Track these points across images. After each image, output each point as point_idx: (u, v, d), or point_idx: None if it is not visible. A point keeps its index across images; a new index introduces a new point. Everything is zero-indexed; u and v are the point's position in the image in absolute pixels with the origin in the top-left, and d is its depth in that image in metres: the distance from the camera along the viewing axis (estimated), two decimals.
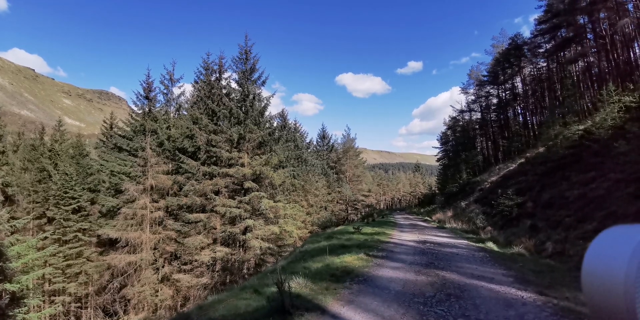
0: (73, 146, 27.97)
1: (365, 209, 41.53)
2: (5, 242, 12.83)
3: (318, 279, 6.06)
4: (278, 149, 18.86)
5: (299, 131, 38.32)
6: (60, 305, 20.04)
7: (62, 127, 30.06)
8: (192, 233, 16.34)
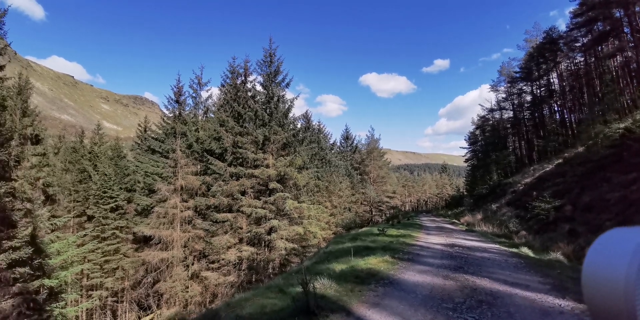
0: (111, 148, 29.70)
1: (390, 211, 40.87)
2: (45, 240, 13.77)
3: (342, 280, 6.03)
4: (302, 150, 19.00)
5: (323, 132, 38.42)
6: (98, 299, 21.31)
7: (101, 130, 32.06)
8: (220, 232, 16.82)
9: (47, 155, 18.23)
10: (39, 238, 12.85)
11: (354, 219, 27.88)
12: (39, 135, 17.14)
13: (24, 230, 11.52)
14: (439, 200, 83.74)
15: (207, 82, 22.99)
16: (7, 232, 9.67)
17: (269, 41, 18.31)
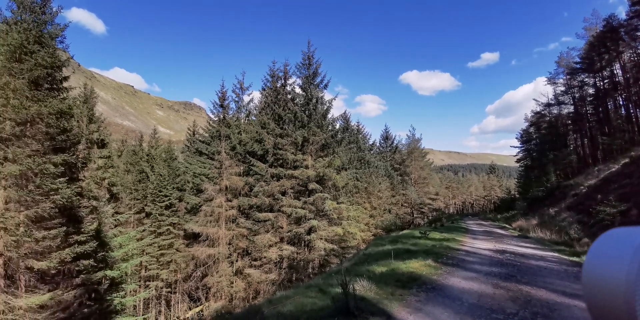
0: (165, 151, 32.16)
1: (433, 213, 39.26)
2: (109, 234, 15.26)
3: (383, 283, 5.93)
4: (341, 151, 18.99)
5: (362, 133, 38.07)
6: (154, 289, 23.15)
7: (156, 134, 34.90)
8: (261, 231, 17.41)
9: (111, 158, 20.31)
10: (103, 233, 14.30)
11: (394, 221, 27.21)
12: (105, 140, 19.11)
13: (90, 225, 12.89)
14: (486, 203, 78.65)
15: (248, 87, 23.97)
16: (74, 227, 10.88)
17: (307, 44, 18.63)
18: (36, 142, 9.23)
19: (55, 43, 10.05)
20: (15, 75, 8.80)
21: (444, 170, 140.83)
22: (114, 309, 14.19)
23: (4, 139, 8.61)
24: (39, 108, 8.97)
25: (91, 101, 18.49)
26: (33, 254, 8.85)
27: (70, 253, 9.43)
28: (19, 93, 8.66)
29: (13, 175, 8.47)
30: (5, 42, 8.75)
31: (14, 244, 8.38)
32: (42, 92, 9.41)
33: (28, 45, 9.07)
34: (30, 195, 8.70)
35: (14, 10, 9.43)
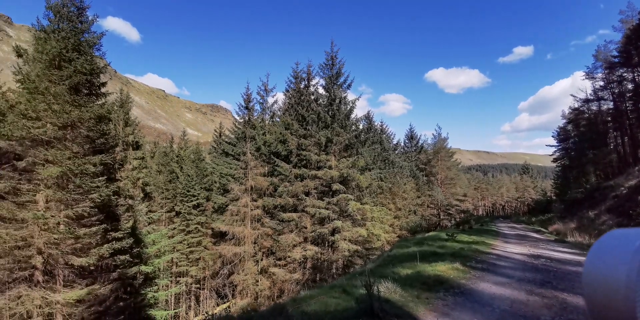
0: (193, 152, 33.40)
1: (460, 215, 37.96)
2: (143, 231, 16.05)
3: (408, 285, 5.80)
4: (364, 151, 18.82)
5: (386, 133, 37.52)
6: (184, 285, 24.07)
7: (185, 136, 36.30)
8: (286, 231, 17.61)
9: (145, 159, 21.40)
10: (138, 230, 15.06)
11: (420, 223, 26.58)
12: (139, 142, 20.14)
13: (126, 223, 13.62)
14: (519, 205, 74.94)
15: (272, 89, 24.34)
16: (112, 224, 11.53)
17: (330, 45, 18.64)
18: (77, 144, 9.88)
19: (93, 51, 10.69)
20: (55, 81, 9.45)
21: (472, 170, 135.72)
22: (147, 302, 14.90)
23: (46, 142, 9.27)
24: (79, 113, 9.60)
25: (127, 106, 19.57)
26: (73, 251, 9.46)
27: (108, 249, 10.00)
28: (59, 98, 9.29)
29: (54, 176, 9.10)
30: (44, 49, 9.40)
31: (54, 241, 9.00)
32: (82, 98, 10.05)
33: (67, 53, 9.70)
34: (70, 194, 9.32)
35: (51, 19, 10.04)
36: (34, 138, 9.05)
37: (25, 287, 8.74)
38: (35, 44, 9.57)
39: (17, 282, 8.85)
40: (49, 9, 9.93)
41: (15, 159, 9.30)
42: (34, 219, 8.63)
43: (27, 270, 8.92)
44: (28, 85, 9.17)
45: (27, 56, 9.63)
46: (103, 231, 10.13)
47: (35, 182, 9.15)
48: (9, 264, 8.67)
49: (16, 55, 9.78)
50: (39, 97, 9.05)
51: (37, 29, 9.80)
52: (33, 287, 8.82)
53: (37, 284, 8.95)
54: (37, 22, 9.89)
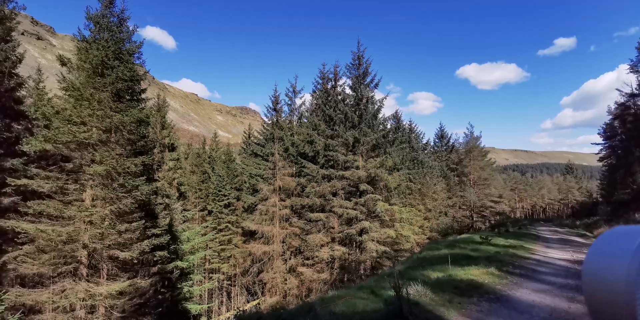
0: (224, 153, 34.55)
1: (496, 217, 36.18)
2: (179, 229, 16.87)
3: (439, 289, 5.63)
4: (392, 151, 18.51)
5: (414, 132, 36.65)
6: (216, 281, 24.96)
7: (216, 138, 37.67)
8: (313, 231, 17.72)
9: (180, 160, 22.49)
10: (174, 227, 15.84)
11: (451, 224, 25.67)
12: (174, 144, 21.20)
13: (163, 220, 14.38)
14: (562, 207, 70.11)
15: (300, 90, 24.64)
16: (151, 221, 12.22)
17: (357, 44, 18.52)
18: (119, 146, 10.58)
19: (133, 59, 11.40)
20: (98, 88, 10.17)
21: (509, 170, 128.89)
22: (183, 296, 15.64)
23: (92, 145, 10.01)
24: (121, 117, 10.27)
25: (163, 110, 20.67)
26: (116, 245, 10.13)
27: (148, 244, 10.61)
28: (103, 104, 9.99)
29: (99, 175, 9.80)
30: (87, 58, 10.13)
31: (99, 236, 9.68)
32: (124, 103, 10.75)
33: (108, 61, 10.40)
34: (114, 192, 10.00)
35: (92, 29, 10.77)
36: (80, 142, 9.80)
37: (69, 281, 9.44)
38: (78, 53, 10.32)
39: (61, 277, 9.59)
40: (89, 19, 10.65)
41: (62, 161, 10.12)
42: (80, 214, 9.34)
43: (71, 264, 9.64)
44: (73, 92, 9.94)
45: (70, 65, 10.41)
46: (143, 227, 10.76)
47: (82, 181, 9.91)
48: (54, 259, 9.41)
49: (60, 64, 10.61)
50: (84, 104, 9.79)
51: (79, 39, 10.56)
52: (77, 281, 9.52)
53: (82, 277, 9.67)
54: (79, 32, 10.62)
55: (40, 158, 10.57)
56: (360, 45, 18.44)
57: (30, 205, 9.10)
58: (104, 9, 10.87)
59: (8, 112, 11.57)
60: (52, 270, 9.38)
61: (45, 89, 16.49)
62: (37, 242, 9.20)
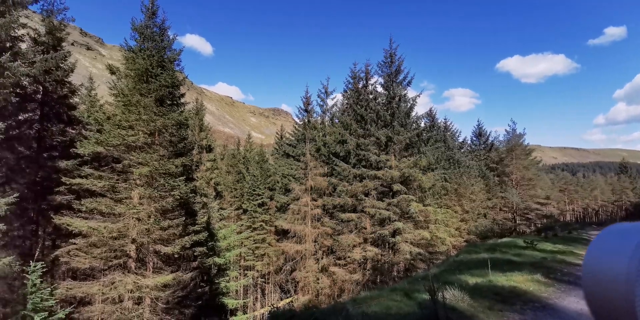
0: (257, 154, 35.54)
1: (542, 220, 33.76)
2: (216, 226, 17.60)
3: (477, 295, 5.38)
4: (426, 150, 17.96)
5: (450, 130, 35.25)
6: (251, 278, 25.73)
7: (250, 139, 38.85)
8: (345, 231, 17.67)
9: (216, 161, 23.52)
10: (212, 225, 16.58)
11: (491, 227, 24.35)
12: (211, 145, 22.17)
13: (202, 218, 15.10)
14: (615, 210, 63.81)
15: (332, 91, 24.68)
16: (191, 219, 12.88)
17: (389, 42, 18.20)
18: (162, 148, 11.28)
19: (174, 66, 12.10)
20: (144, 94, 10.91)
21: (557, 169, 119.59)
22: (220, 291, 16.32)
23: (138, 147, 10.76)
24: (163, 121, 10.95)
25: (201, 113, 21.72)
26: (160, 241, 10.81)
27: (189, 240, 11.22)
28: (148, 109, 10.71)
29: (144, 176, 10.51)
30: (133, 67, 10.90)
31: (145, 231, 10.38)
32: (165, 108, 11.45)
33: (152, 69, 11.12)
34: (157, 191, 10.67)
35: (137, 39, 11.58)
36: (128, 144, 10.59)
37: (119, 274, 10.21)
38: (126, 62, 11.17)
39: (111, 269, 10.39)
40: (135, 30, 11.49)
41: (113, 162, 10.99)
42: (129, 211, 10.08)
43: (121, 258, 10.43)
44: (122, 98, 10.76)
45: (119, 73, 11.29)
46: (184, 224, 11.39)
47: (131, 181, 10.69)
48: (105, 253, 10.21)
49: (110, 72, 11.53)
50: (131, 109, 10.56)
51: (126, 49, 11.42)
52: (126, 273, 10.28)
53: (130, 270, 10.43)
54: (125, 42, 11.50)
55: (93, 160, 11.55)
56: (392, 42, 18.11)
57: (84, 203, 9.98)
58: (147, 20, 11.64)
59: (62, 118, 12.75)
60: (103, 264, 10.21)
61: (97, 96, 17.99)
62: (90, 238, 10.06)
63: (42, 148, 12.10)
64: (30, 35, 11.69)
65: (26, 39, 11.36)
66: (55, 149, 12.46)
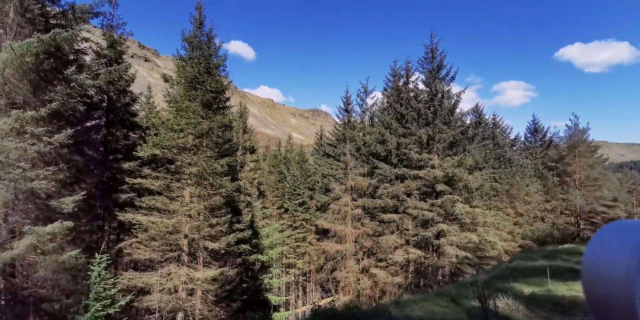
0: (298, 154, 36.21)
1: None
2: (259, 225, 18.24)
3: (534, 304, 4.96)
4: (472, 148, 16.99)
5: (499, 126, 32.91)
6: (292, 276, 26.27)
7: (290, 140, 39.74)
8: (386, 232, 17.31)
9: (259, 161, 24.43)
10: (255, 223, 17.23)
11: (550, 232, 22.31)
12: (254, 147, 23.07)
13: (246, 216, 15.74)
14: None
15: (372, 90, 24.33)
16: (236, 217, 13.49)
17: (430, 37, 17.51)
18: (209, 150, 11.97)
19: (219, 71, 12.78)
20: (192, 99, 11.67)
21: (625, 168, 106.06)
22: (264, 287, 16.90)
23: (188, 149, 11.52)
24: (210, 124, 11.61)
25: (244, 116, 22.69)
26: (208, 237, 11.48)
27: (234, 238, 11.79)
28: (196, 113, 11.43)
29: (194, 175, 11.24)
30: (183, 74, 11.70)
31: (195, 228, 11.08)
32: (211, 111, 12.14)
33: (200, 75, 11.85)
34: (205, 190, 11.35)
35: (186, 49, 12.42)
36: (180, 146, 11.40)
37: (174, 266, 11.02)
38: (177, 70, 12.06)
39: (167, 262, 11.24)
40: (184, 40, 12.37)
41: (167, 163, 11.89)
42: (181, 209, 10.85)
43: (175, 251, 11.25)
44: (174, 104, 11.61)
45: (171, 81, 12.20)
46: (229, 222, 11.98)
47: (182, 181, 11.49)
48: (162, 246, 11.08)
49: (164, 81, 12.50)
50: (182, 113, 11.36)
51: (177, 58, 12.33)
52: (180, 266, 11.07)
53: (183, 263, 11.20)
54: (177, 52, 12.45)
55: (151, 161, 12.59)
56: (433, 37, 17.39)
57: (144, 200, 10.93)
58: (195, 30, 12.44)
59: (125, 124, 14.07)
60: (160, 256, 11.10)
61: (154, 103, 19.59)
62: (149, 232, 10.99)
63: (108, 151, 13.45)
64: (93, 48, 13.02)
65: (89, 52, 12.70)
66: (119, 152, 13.79)
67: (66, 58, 9.05)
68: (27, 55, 6.95)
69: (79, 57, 10.46)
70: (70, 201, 7.74)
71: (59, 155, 8.02)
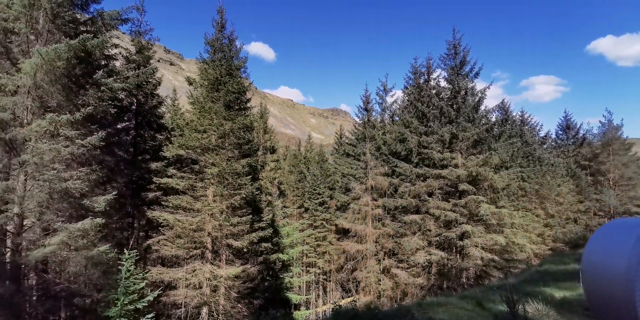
0: (317, 154, 36.31)
1: None
2: (280, 224, 18.43)
3: (566, 310, 4.72)
4: (498, 146, 16.38)
5: (528, 123, 31.53)
6: (313, 275, 26.37)
7: (310, 140, 39.94)
8: (408, 233, 17.03)
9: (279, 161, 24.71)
10: (276, 222, 17.43)
11: (583, 234, 21.13)
12: (274, 147, 23.35)
13: (267, 215, 15.96)
14: None
15: (392, 88, 23.96)
16: (257, 216, 13.71)
17: (452, 32, 17.03)
18: (230, 150, 12.23)
19: (240, 73, 13.02)
20: (215, 101, 11.95)
21: None
22: (285, 286, 17.08)
23: (210, 149, 11.82)
24: (231, 124, 11.86)
25: (265, 116, 23.01)
26: (231, 235, 11.73)
27: (256, 236, 11.99)
28: (218, 114, 11.71)
29: (216, 175, 11.52)
30: (207, 77, 12.00)
31: (218, 226, 11.35)
32: (233, 112, 12.39)
33: (221, 77, 12.13)
34: (227, 189, 11.60)
35: (209, 52, 12.73)
36: (203, 147, 11.72)
37: (199, 263, 11.36)
38: (200, 73, 12.40)
39: (192, 259, 11.59)
40: (207, 43, 12.69)
41: (192, 163, 12.25)
42: (205, 208, 11.16)
43: (199, 249, 11.58)
44: (197, 106, 11.95)
45: (195, 83, 12.56)
46: (251, 221, 12.19)
47: (206, 180, 11.82)
48: (187, 243, 11.44)
49: (188, 83, 12.89)
50: (205, 115, 11.67)
51: (200, 61, 12.68)
52: (204, 263, 11.39)
53: (207, 260, 11.52)
54: (200, 55, 12.81)
55: (176, 161, 13.02)
56: (455, 32, 16.92)
57: (170, 199, 11.33)
58: (217, 33, 12.75)
59: (152, 126, 14.62)
60: (185, 253, 11.47)
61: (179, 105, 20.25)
62: (175, 229, 11.38)
63: (137, 152, 14.04)
64: (123, 54, 13.63)
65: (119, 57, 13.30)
66: (147, 153, 14.36)
67: (97, 63, 9.52)
68: (58, 60, 7.30)
69: (108, 62, 10.98)
70: (102, 200, 8.14)
71: (92, 156, 8.44)
